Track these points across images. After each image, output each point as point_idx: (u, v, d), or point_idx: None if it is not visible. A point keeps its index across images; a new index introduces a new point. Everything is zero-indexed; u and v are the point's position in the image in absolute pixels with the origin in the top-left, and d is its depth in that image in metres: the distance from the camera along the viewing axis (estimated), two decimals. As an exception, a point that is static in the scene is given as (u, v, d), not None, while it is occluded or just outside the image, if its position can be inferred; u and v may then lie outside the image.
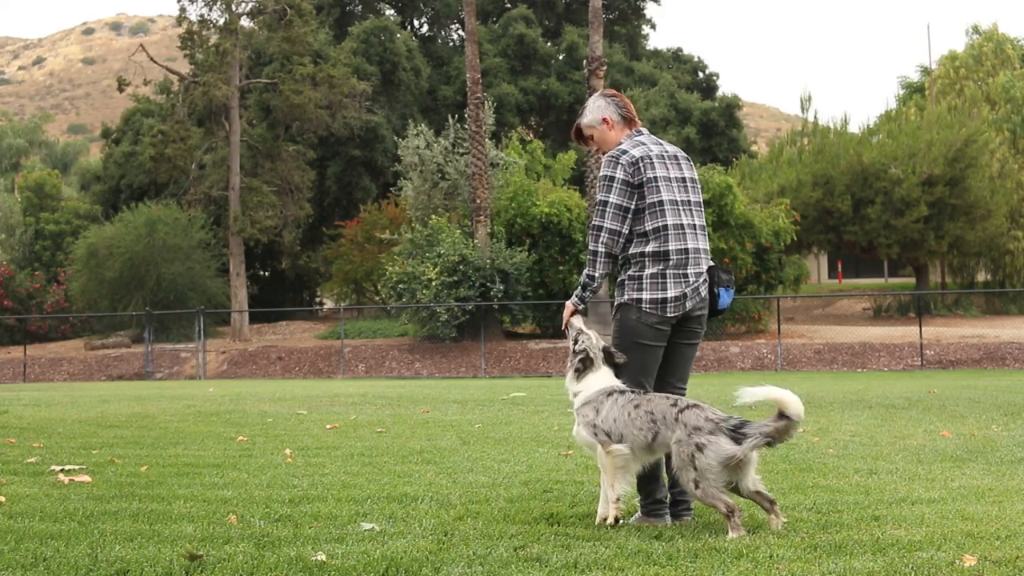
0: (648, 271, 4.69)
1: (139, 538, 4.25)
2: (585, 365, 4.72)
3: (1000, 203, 33.13)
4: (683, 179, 4.82)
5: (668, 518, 4.74)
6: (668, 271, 4.68)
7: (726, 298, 4.79)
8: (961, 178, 31.96)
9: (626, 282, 4.75)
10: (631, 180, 4.70)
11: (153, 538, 4.25)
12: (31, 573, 3.73)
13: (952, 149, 31.87)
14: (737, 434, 4.29)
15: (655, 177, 4.71)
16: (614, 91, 5.10)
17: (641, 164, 4.71)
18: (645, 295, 4.68)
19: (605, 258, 4.74)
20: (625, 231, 4.72)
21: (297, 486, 5.71)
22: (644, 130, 4.93)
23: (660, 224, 4.68)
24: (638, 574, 3.66)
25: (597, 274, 4.77)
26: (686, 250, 4.71)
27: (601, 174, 4.78)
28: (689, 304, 4.71)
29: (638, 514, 4.79)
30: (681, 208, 4.74)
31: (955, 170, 31.84)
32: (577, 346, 4.78)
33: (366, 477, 6.06)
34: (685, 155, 4.94)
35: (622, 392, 4.62)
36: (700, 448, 4.28)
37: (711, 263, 4.83)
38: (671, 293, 4.67)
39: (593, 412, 4.62)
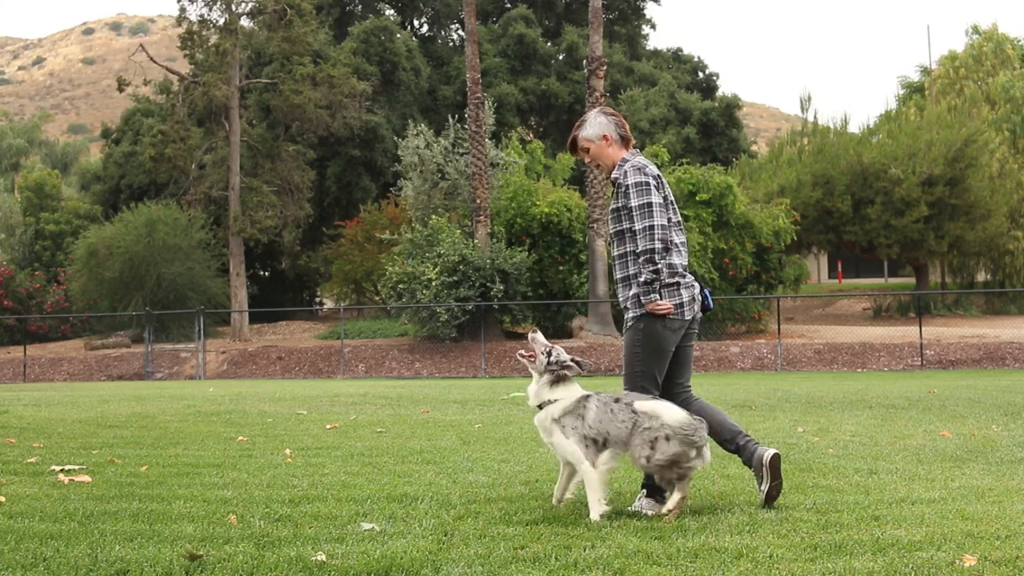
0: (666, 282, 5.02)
1: (139, 538, 4.25)
2: (566, 375, 4.90)
3: (1000, 203, 33.13)
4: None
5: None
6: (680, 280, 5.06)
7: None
8: (961, 178, 31.96)
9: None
10: (656, 188, 5.01)
11: (153, 538, 4.25)
12: (31, 573, 3.72)
13: (952, 149, 31.86)
14: None
15: (666, 196, 5.05)
16: (613, 111, 5.34)
17: (658, 181, 5.03)
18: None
19: (664, 251, 4.93)
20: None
21: (297, 486, 5.71)
22: (637, 150, 5.24)
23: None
24: (638, 574, 3.66)
25: (660, 266, 4.97)
26: (685, 265, 5.11)
27: (634, 181, 4.99)
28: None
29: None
30: (675, 228, 5.11)
31: (955, 170, 31.83)
32: (553, 357, 4.91)
33: (366, 477, 6.06)
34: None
35: (597, 394, 4.89)
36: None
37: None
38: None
39: (579, 420, 4.77)
